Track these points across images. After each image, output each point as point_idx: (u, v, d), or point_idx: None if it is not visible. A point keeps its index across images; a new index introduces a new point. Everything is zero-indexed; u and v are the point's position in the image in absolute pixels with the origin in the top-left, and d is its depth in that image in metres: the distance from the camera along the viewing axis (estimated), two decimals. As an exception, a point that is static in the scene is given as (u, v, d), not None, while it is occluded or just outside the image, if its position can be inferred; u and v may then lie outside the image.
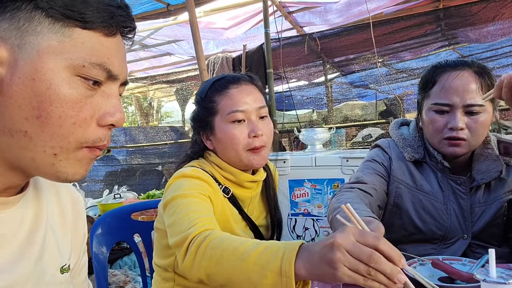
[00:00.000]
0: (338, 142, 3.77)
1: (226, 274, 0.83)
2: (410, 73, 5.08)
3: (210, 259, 0.85)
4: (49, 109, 0.57)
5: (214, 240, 0.88)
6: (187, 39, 5.71)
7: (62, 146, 0.59)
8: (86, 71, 0.59)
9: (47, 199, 0.75)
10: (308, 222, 2.97)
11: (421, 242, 1.36)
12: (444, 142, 1.29)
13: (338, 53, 5.02)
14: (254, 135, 1.21)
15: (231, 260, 0.82)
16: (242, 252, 0.81)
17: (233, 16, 5.33)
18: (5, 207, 0.64)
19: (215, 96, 1.25)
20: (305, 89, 5.61)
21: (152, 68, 7.45)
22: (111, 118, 0.63)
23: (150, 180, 6.13)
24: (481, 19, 3.94)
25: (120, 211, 1.71)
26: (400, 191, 1.37)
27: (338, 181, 2.83)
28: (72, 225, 0.82)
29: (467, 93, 1.24)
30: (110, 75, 0.62)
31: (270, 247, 0.79)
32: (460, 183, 1.33)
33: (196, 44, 3.00)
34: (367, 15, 4.51)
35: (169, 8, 4.43)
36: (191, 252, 0.90)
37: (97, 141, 0.63)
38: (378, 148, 1.48)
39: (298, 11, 5.18)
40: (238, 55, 4.72)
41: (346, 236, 0.70)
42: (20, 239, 0.66)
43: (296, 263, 0.74)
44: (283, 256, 0.75)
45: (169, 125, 8.72)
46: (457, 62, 1.31)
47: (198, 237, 0.91)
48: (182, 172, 1.17)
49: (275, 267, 0.75)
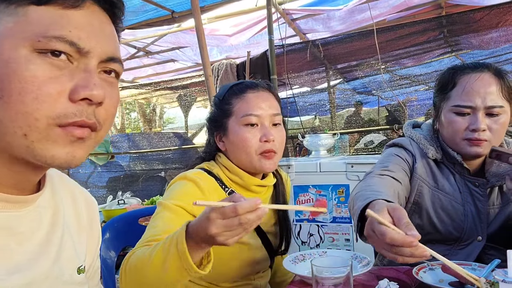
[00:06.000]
0: (342, 148, 3.77)
1: (146, 281, 0.93)
2: (413, 79, 5.08)
3: (130, 275, 0.97)
4: (9, 87, 0.56)
5: (131, 258, 0.99)
6: (191, 46, 5.75)
7: (30, 124, 0.57)
8: (43, 45, 0.57)
9: (62, 201, 0.76)
10: (313, 228, 2.97)
11: (436, 242, 1.36)
12: (464, 142, 1.30)
13: (341, 60, 5.03)
14: (265, 139, 1.23)
15: (143, 266, 0.93)
16: (148, 255, 0.92)
17: (236, 23, 5.37)
18: (23, 206, 0.65)
19: (232, 98, 1.28)
20: (308, 95, 5.62)
21: (156, 74, 7.49)
22: (83, 91, 0.59)
23: (153, 186, 6.12)
24: (484, 25, 3.95)
25: (127, 216, 1.72)
26: (422, 190, 1.37)
27: (343, 187, 2.83)
28: (87, 228, 0.83)
29: (488, 94, 1.26)
30: (78, 48, 0.59)
31: (167, 240, 0.90)
32: (478, 185, 1.33)
33: (202, 51, 3.02)
34: (369, 22, 4.54)
35: (173, 15, 4.47)
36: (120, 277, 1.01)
37: (69, 116, 0.59)
38: (397, 146, 1.46)
39: (301, 18, 5.21)
40: (242, 62, 4.74)
41: (215, 223, 0.81)
42: (39, 238, 0.67)
43: (187, 241, 0.86)
44: (176, 240, 0.87)
45: (173, 131, 8.73)
46: (476, 64, 1.32)
47: (121, 266, 1.02)
48: (185, 173, 1.22)
49: (173, 252, 0.87)
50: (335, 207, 2.87)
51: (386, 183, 1.24)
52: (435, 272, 1.08)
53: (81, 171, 6.46)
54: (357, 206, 1.04)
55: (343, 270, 0.90)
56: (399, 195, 1.27)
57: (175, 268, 0.87)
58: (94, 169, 6.46)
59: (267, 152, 1.24)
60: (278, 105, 1.32)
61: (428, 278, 1.04)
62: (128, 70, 7.04)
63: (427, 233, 1.36)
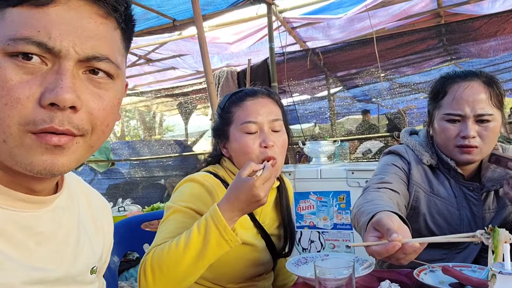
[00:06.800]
0: (343, 155, 3.78)
1: (182, 268, 1.02)
2: (412, 87, 5.11)
3: (160, 271, 1.03)
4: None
5: (156, 252, 1.05)
6: (191, 54, 5.79)
7: (5, 131, 0.55)
8: (12, 48, 0.55)
9: (79, 203, 0.77)
10: (313, 234, 2.97)
11: (433, 246, 1.37)
12: (456, 149, 1.33)
13: (341, 68, 5.06)
14: (265, 145, 1.26)
15: (177, 254, 1.02)
16: (183, 242, 1.03)
17: (237, 31, 5.41)
18: (41, 206, 0.66)
19: (232, 107, 1.32)
20: (308, 103, 5.65)
21: (156, 82, 7.52)
22: (49, 95, 0.55)
23: (153, 194, 6.12)
24: (483, 34, 3.98)
25: (129, 221, 1.74)
26: (419, 195, 1.39)
27: (344, 193, 2.84)
28: (104, 229, 0.84)
29: (477, 103, 1.29)
30: (47, 49, 0.56)
31: (200, 223, 1.05)
32: (473, 190, 1.35)
33: (204, 59, 3.05)
34: (369, 30, 4.58)
35: (175, 23, 4.51)
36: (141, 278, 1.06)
37: (38, 123, 0.55)
38: (393, 154, 1.49)
39: (302, 26, 5.26)
40: (242, 69, 4.77)
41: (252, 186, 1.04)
42: (58, 239, 0.68)
43: (223, 215, 1.03)
44: (212, 219, 1.03)
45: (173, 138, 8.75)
46: (466, 73, 1.35)
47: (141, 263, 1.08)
48: (193, 176, 1.27)
49: (212, 230, 1.02)
50: (336, 213, 2.87)
51: (384, 196, 1.26)
52: (436, 274, 1.10)
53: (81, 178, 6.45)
54: (362, 222, 1.08)
55: (345, 271, 0.91)
56: (399, 204, 1.29)
57: (215, 243, 1.02)
58: (94, 176, 6.46)
59: (267, 159, 1.26)
60: (279, 110, 1.34)
61: (429, 280, 1.06)
62: (129, 78, 7.08)
63: (424, 237, 1.38)
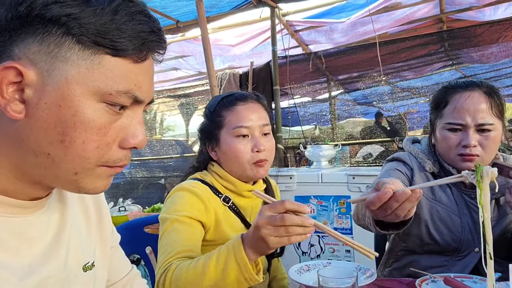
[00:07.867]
0: (343, 159, 3.80)
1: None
2: (414, 91, 5.13)
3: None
4: (73, 134, 0.59)
5: (175, 272, 1.05)
6: (194, 55, 5.79)
7: (84, 166, 0.62)
8: (112, 98, 0.60)
9: (68, 199, 0.77)
10: (313, 238, 2.98)
11: (435, 253, 1.39)
12: (458, 158, 1.35)
13: (343, 71, 5.08)
14: (257, 149, 1.29)
15: (195, 279, 1.00)
16: (201, 268, 1.00)
17: (240, 34, 5.42)
18: (33, 210, 0.67)
19: (223, 111, 1.33)
20: (309, 105, 5.66)
21: (158, 82, 7.53)
22: (133, 140, 0.64)
23: (153, 194, 6.13)
24: (484, 40, 4.01)
25: (131, 224, 1.75)
26: (421, 201, 1.40)
27: (344, 198, 2.86)
28: (97, 221, 0.84)
29: (478, 112, 1.31)
30: (136, 100, 0.63)
31: (221, 253, 1.00)
32: (474, 198, 1.37)
33: (207, 61, 3.06)
34: (371, 34, 4.59)
35: (178, 24, 4.52)
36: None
37: (117, 161, 0.65)
38: (397, 160, 1.52)
39: (305, 29, 5.27)
40: (245, 72, 4.78)
41: (262, 215, 0.94)
42: (48, 241, 0.68)
43: (245, 252, 0.97)
44: (234, 252, 0.98)
45: (174, 138, 8.76)
46: (467, 83, 1.38)
47: (160, 279, 1.07)
48: (182, 185, 1.28)
49: (232, 264, 0.97)
50: (336, 218, 2.89)
51: None
52: (437, 284, 1.11)
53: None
54: None
55: (348, 281, 0.92)
56: None
57: (235, 279, 0.98)
58: (95, 176, 6.47)
59: (260, 162, 1.30)
60: (267, 115, 1.38)
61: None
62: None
63: (425, 244, 1.40)
